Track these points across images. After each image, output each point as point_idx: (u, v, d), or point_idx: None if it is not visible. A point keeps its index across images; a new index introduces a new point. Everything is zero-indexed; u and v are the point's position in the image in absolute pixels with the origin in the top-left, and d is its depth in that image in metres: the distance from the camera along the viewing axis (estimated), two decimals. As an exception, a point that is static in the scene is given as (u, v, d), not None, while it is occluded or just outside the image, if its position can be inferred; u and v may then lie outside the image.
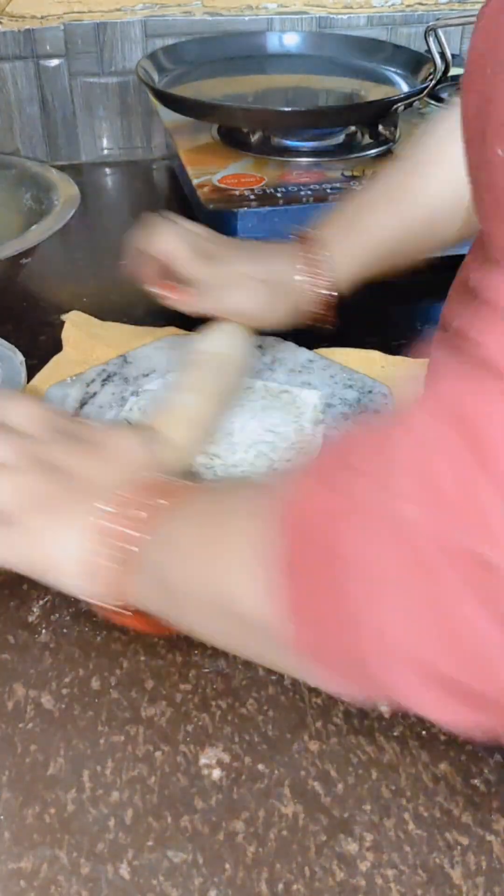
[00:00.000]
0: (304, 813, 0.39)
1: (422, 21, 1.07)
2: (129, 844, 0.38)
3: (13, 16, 0.97)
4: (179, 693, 0.44)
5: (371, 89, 0.93)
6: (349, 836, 0.38)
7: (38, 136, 1.05)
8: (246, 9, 1.03)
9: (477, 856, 0.37)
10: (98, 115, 1.05)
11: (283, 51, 1.02)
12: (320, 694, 0.44)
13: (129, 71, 1.01)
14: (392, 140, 0.87)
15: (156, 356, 0.65)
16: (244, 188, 0.77)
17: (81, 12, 0.99)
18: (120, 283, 0.82)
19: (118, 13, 1.00)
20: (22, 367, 0.66)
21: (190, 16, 1.02)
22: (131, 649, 0.46)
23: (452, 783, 0.40)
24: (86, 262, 0.87)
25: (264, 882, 0.36)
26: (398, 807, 0.39)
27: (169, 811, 0.39)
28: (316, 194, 0.76)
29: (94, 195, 1.00)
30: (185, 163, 0.84)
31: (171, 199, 1.00)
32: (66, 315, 0.74)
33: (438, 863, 0.37)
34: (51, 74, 1.01)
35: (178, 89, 0.91)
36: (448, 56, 0.84)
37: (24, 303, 0.78)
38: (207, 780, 0.40)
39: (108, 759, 0.41)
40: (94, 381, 0.62)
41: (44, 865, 0.37)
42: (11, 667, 0.45)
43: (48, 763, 0.41)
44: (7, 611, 0.48)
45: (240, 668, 0.45)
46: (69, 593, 0.44)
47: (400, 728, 0.42)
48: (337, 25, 1.06)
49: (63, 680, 0.45)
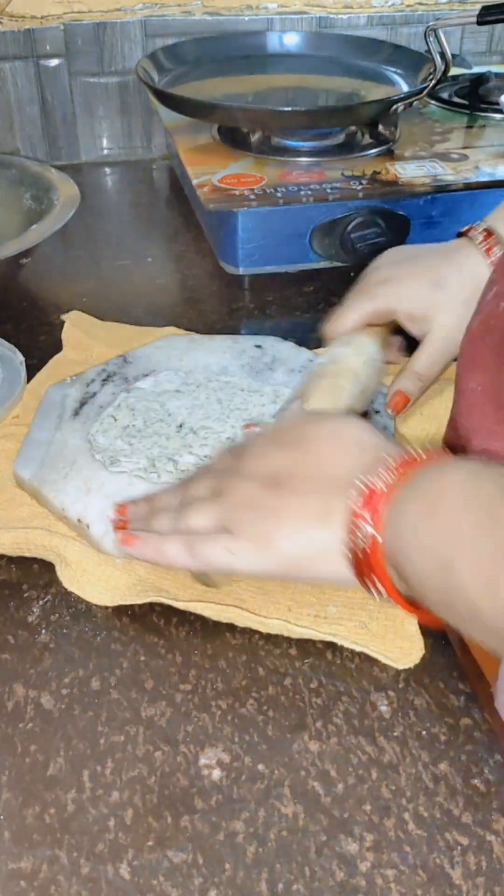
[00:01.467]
0: (304, 813, 0.39)
1: (422, 21, 1.07)
2: (129, 844, 0.38)
3: (13, 16, 0.97)
4: (179, 693, 0.44)
5: (371, 89, 0.93)
6: (349, 836, 0.38)
7: (38, 136, 1.05)
8: (246, 9, 1.03)
9: (477, 856, 0.37)
10: (98, 115, 1.05)
11: (283, 51, 1.02)
12: (320, 694, 0.44)
13: (129, 71, 1.01)
14: (392, 140, 0.87)
15: (156, 356, 0.65)
16: (244, 188, 0.77)
17: (81, 12, 0.99)
18: (120, 283, 0.83)
19: (118, 13, 1.00)
20: (22, 367, 0.66)
21: (190, 16, 1.02)
22: (131, 649, 0.46)
23: (452, 783, 0.40)
24: (86, 262, 0.87)
25: (264, 882, 0.36)
26: (398, 807, 0.39)
27: (169, 811, 0.39)
28: (316, 194, 0.76)
29: (94, 195, 1.00)
30: (185, 163, 0.84)
31: (171, 199, 1.00)
32: (66, 315, 0.74)
33: (438, 863, 0.37)
34: (51, 74, 1.01)
35: (178, 89, 0.91)
36: (448, 56, 0.84)
37: (24, 303, 0.78)
38: (207, 780, 0.40)
39: (108, 759, 0.41)
40: (94, 381, 0.62)
41: (44, 865, 0.37)
42: (11, 667, 0.45)
43: (48, 763, 0.41)
44: (7, 611, 0.48)
45: (240, 669, 0.45)
46: (337, 587, 0.43)
47: (400, 728, 0.42)
48: (337, 25, 1.06)
49: (63, 680, 0.45)
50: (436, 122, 0.93)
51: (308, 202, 0.76)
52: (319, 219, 0.76)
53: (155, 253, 0.88)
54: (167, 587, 0.49)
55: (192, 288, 0.81)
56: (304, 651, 0.46)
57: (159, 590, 0.48)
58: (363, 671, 0.45)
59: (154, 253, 0.88)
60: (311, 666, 0.45)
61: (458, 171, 0.81)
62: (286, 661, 0.46)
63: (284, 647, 0.46)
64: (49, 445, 0.56)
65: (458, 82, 1.02)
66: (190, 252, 0.87)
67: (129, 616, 0.48)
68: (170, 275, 0.85)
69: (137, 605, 0.48)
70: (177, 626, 0.48)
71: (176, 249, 0.89)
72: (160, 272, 0.85)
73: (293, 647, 0.46)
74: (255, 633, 0.47)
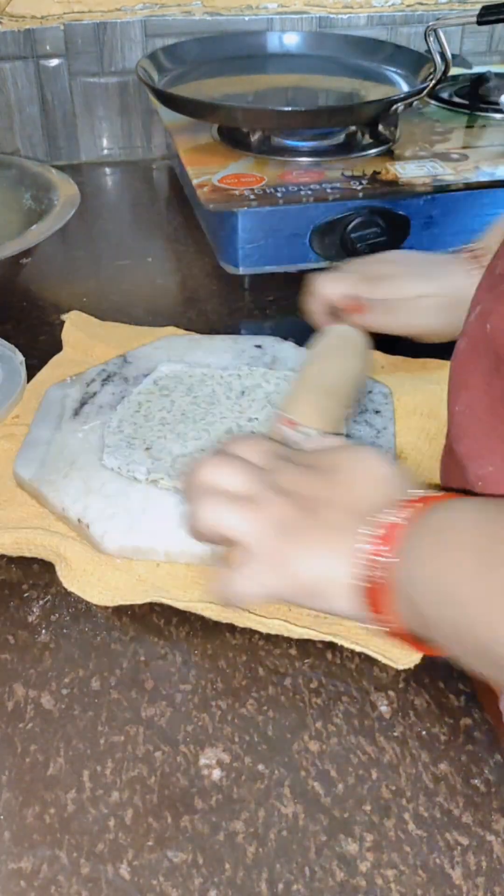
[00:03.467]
0: (304, 813, 0.39)
1: (422, 21, 1.07)
2: (129, 844, 0.38)
3: (13, 16, 0.97)
4: (179, 693, 0.44)
5: (371, 89, 0.93)
6: (349, 836, 0.38)
7: (38, 136, 1.05)
8: (246, 8, 1.03)
9: (477, 856, 0.37)
10: (98, 115, 1.05)
11: (283, 51, 1.02)
12: (320, 694, 0.44)
13: (129, 71, 1.01)
14: (392, 140, 0.87)
15: (156, 356, 0.65)
16: (244, 188, 0.77)
17: (81, 12, 0.99)
18: (120, 283, 0.83)
19: (118, 13, 1.00)
20: (22, 367, 0.66)
21: (190, 16, 1.02)
22: (131, 649, 0.46)
23: (452, 783, 0.40)
24: (86, 262, 0.87)
25: (264, 882, 0.36)
26: (398, 807, 0.39)
27: (169, 811, 0.39)
28: (316, 194, 0.76)
29: (94, 195, 1.00)
30: (185, 163, 0.84)
31: (171, 199, 1.00)
32: (66, 315, 0.74)
33: (438, 863, 0.37)
34: (51, 74, 1.01)
35: (178, 89, 0.91)
36: (448, 56, 0.84)
37: (24, 303, 0.78)
38: (207, 780, 0.40)
39: (108, 759, 0.41)
40: (94, 381, 0.62)
41: (44, 865, 0.37)
42: (11, 667, 0.45)
43: (48, 763, 0.41)
44: (7, 611, 0.48)
45: (240, 669, 0.45)
46: (339, 617, 0.43)
47: (400, 728, 0.42)
48: (337, 25, 1.06)
49: (63, 680, 0.45)
50: (436, 122, 0.93)
51: (308, 202, 0.76)
52: (319, 219, 0.76)
53: (155, 253, 0.88)
54: (167, 587, 0.49)
55: (192, 288, 0.81)
56: (304, 651, 0.46)
57: (159, 590, 0.48)
58: (363, 671, 0.45)
59: (154, 253, 0.88)
60: (311, 666, 0.45)
61: (458, 171, 0.80)
62: (286, 661, 0.46)
63: (284, 647, 0.46)
64: (49, 445, 0.56)
65: (458, 82, 1.02)
66: (190, 252, 0.87)
67: (129, 616, 0.48)
68: (170, 275, 0.85)
69: (137, 605, 0.48)
70: (177, 626, 0.48)
71: (176, 249, 0.89)
72: (160, 272, 0.85)
73: (293, 647, 0.46)
74: (255, 633, 0.47)
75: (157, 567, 0.50)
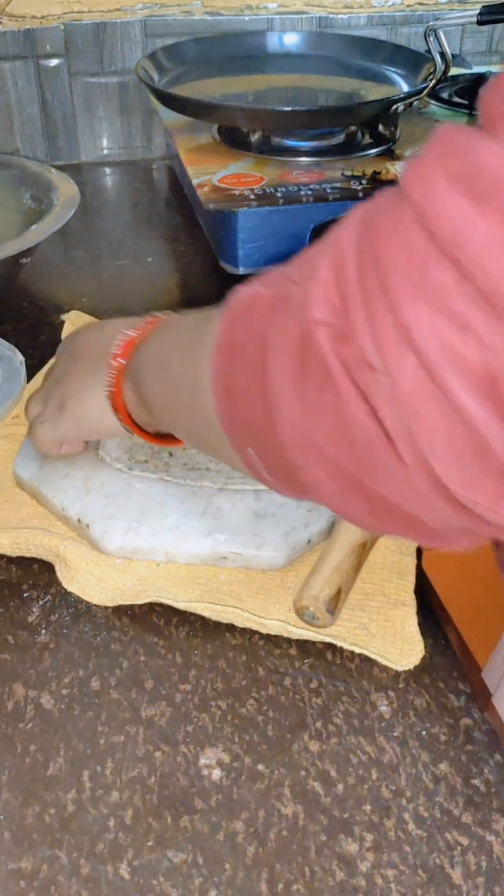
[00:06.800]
0: (304, 813, 0.39)
1: (422, 21, 1.07)
2: (129, 844, 0.38)
3: (13, 16, 0.97)
4: (179, 693, 0.44)
5: (371, 89, 0.93)
6: (349, 836, 0.38)
7: (38, 136, 1.05)
8: (246, 9, 1.03)
9: (477, 856, 0.37)
10: (98, 115, 1.05)
11: (283, 51, 1.02)
12: (320, 694, 0.44)
13: (129, 71, 1.01)
14: (392, 140, 0.87)
15: (156, 356, 0.65)
16: (244, 188, 0.77)
17: (81, 12, 0.99)
18: (120, 283, 0.83)
19: (118, 13, 1.00)
20: (22, 367, 0.66)
21: (190, 16, 1.02)
22: (131, 649, 0.46)
23: (452, 783, 0.40)
24: (86, 262, 0.87)
25: (264, 882, 0.36)
26: (398, 807, 0.39)
27: (169, 811, 0.39)
28: (316, 194, 0.76)
29: (94, 195, 1.00)
30: (185, 163, 0.84)
31: (171, 199, 1.00)
32: (66, 315, 0.74)
33: (438, 863, 0.37)
34: (51, 74, 1.01)
35: (177, 89, 0.91)
36: (448, 56, 0.84)
37: (23, 303, 0.78)
38: (207, 781, 0.40)
39: (108, 760, 0.41)
40: (94, 381, 0.62)
41: (44, 865, 0.37)
42: (11, 667, 0.45)
43: (48, 763, 0.41)
44: (7, 611, 0.48)
45: (240, 669, 0.45)
46: (111, 435, 0.52)
47: (400, 728, 0.42)
48: (337, 25, 1.06)
49: (63, 680, 0.45)
50: (436, 122, 0.93)
51: (308, 202, 0.76)
52: (319, 219, 0.76)
53: (155, 253, 0.88)
54: (167, 587, 0.49)
55: (192, 288, 0.81)
56: (304, 651, 0.46)
57: (159, 590, 0.48)
58: (363, 671, 0.45)
59: (154, 253, 0.88)
60: (311, 666, 0.45)
61: (458, 171, 0.80)
62: (286, 661, 0.46)
63: (284, 648, 0.46)
64: (49, 445, 0.56)
65: (458, 82, 1.02)
66: (190, 252, 0.87)
67: (129, 616, 0.48)
68: (170, 275, 0.85)
69: (137, 605, 0.48)
70: (177, 626, 0.48)
71: (176, 249, 0.89)
72: (160, 272, 0.85)
73: (293, 647, 0.46)
74: (255, 633, 0.47)
75: (157, 567, 0.50)
